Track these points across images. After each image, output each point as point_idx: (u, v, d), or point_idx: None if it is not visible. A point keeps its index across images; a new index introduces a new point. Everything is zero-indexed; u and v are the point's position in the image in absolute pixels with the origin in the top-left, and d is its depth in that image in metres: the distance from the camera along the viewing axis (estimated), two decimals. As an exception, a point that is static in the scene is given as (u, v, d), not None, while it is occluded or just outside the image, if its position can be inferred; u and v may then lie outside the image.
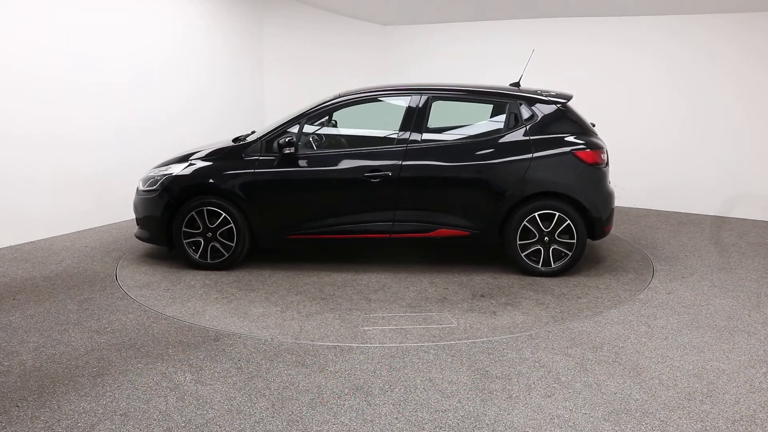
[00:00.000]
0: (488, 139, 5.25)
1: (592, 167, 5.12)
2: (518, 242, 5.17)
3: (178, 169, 5.37)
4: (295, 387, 3.29)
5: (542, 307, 4.51)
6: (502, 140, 5.19)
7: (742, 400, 3.21)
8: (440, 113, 5.51)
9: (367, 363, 3.59)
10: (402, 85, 5.58)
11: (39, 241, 6.09)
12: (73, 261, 5.50)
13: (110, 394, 3.20)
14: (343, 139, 5.78)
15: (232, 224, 5.22)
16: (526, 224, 5.13)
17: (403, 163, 5.13)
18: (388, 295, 4.77)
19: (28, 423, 2.92)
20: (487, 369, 3.53)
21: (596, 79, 8.45)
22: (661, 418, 3.01)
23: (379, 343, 3.86)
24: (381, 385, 3.33)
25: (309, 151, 5.35)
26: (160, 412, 3.03)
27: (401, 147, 5.19)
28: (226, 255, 5.28)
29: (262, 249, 5.54)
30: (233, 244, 5.26)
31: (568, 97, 5.38)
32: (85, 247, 5.95)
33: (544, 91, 5.40)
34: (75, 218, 6.50)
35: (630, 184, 8.31)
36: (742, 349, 3.83)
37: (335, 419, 2.99)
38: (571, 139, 5.16)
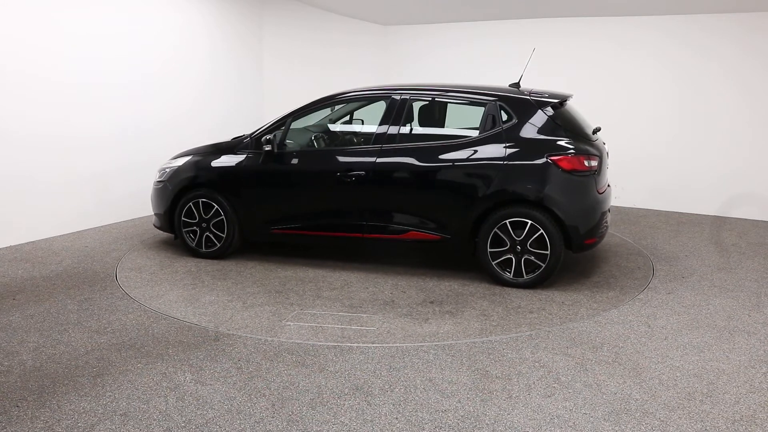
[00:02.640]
0: (462, 141, 5.03)
1: (572, 174, 4.77)
2: (489, 250, 4.93)
3: (180, 162, 5.73)
4: (295, 387, 3.29)
5: (482, 319, 4.28)
6: (475, 143, 4.96)
7: (742, 400, 3.21)
8: (418, 114, 5.49)
9: (367, 363, 3.59)
10: (383, 86, 5.60)
11: (39, 241, 6.09)
12: (73, 261, 5.50)
13: (110, 394, 3.20)
14: (327, 138, 5.87)
15: (223, 216, 5.50)
16: (498, 232, 4.87)
17: (377, 163, 5.12)
18: (340, 294, 4.79)
19: (28, 423, 2.92)
20: (487, 369, 3.53)
21: (596, 80, 8.45)
22: (661, 418, 3.01)
23: (291, 339, 3.86)
24: (381, 385, 3.33)
25: (288, 149, 5.48)
26: (160, 412, 3.03)
27: (376, 147, 5.18)
28: (218, 245, 5.56)
29: (251, 242, 5.76)
30: (224, 235, 5.53)
31: (561, 98, 5.11)
32: (85, 247, 5.96)
33: (535, 92, 5.10)
34: (75, 218, 6.50)
35: (630, 184, 8.31)
36: (742, 349, 3.84)
37: (335, 419, 2.99)
38: (549, 143, 4.83)
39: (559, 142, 4.84)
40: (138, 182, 7.09)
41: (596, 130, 5.40)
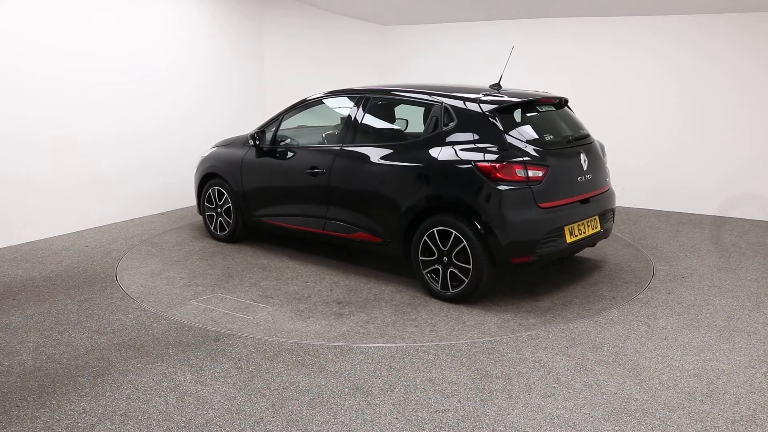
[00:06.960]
0: (403, 143, 4.98)
1: (501, 184, 4.33)
2: (420, 258, 4.70)
3: (207, 152, 6.37)
4: (295, 387, 3.29)
5: (361, 324, 4.14)
6: (414, 146, 4.83)
7: (742, 400, 3.21)
8: (376, 115, 5.47)
9: (367, 363, 3.59)
10: (360, 87, 5.64)
11: (39, 241, 6.09)
12: (73, 261, 5.50)
13: (110, 394, 3.20)
14: (314, 136, 5.95)
15: (230, 204, 6.04)
16: (427, 240, 4.63)
17: (334, 162, 5.21)
18: (275, 284, 4.95)
19: (28, 423, 2.92)
20: (487, 369, 3.53)
21: (596, 80, 8.44)
22: (661, 418, 3.01)
23: (176, 316, 3.86)
24: (381, 385, 3.33)
25: (271, 146, 5.75)
26: (160, 412, 3.03)
27: (337, 147, 5.29)
28: (227, 230, 6.13)
29: (248, 230, 6.13)
30: (231, 221, 6.09)
31: (529, 99, 4.82)
32: (85, 247, 5.95)
33: (496, 93, 4.84)
34: (75, 218, 6.50)
35: (630, 185, 8.31)
36: (742, 349, 3.83)
37: (335, 419, 2.99)
38: (483, 148, 4.45)
39: (495, 148, 4.44)
40: (138, 182, 7.09)
41: (576, 138, 4.96)
